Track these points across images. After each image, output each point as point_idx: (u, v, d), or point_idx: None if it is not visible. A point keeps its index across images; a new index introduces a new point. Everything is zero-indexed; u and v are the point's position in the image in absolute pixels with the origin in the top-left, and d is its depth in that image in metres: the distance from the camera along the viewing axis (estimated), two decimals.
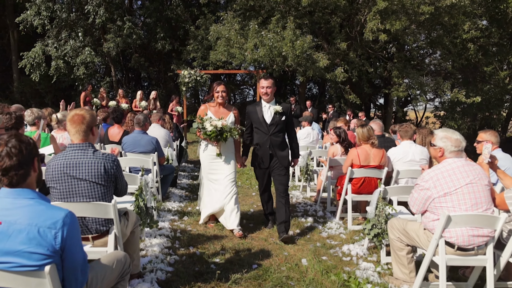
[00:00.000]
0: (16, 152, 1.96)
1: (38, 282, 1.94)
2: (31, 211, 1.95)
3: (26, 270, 1.91)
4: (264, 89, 5.06)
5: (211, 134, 4.84)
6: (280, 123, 5.09)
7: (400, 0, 14.13)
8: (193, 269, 4.09)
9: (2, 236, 1.89)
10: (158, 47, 19.69)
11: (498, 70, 19.11)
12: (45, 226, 1.92)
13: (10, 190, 1.99)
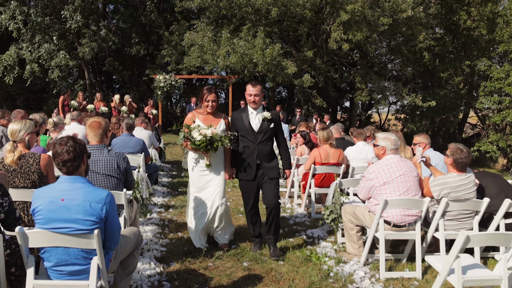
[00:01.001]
0: (72, 149, 2.75)
1: (88, 242, 2.74)
2: (84, 191, 2.75)
3: (80, 233, 2.71)
4: (252, 97, 4.67)
5: (200, 144, 4.42)
6: (269, 130, 4.73)
7: (362, 13, 15.31)
8: (183, 249, 4.93)
9: (64, 209, 2.69)
10: (132, 52, 20.22)
11: (453, 76, 20.65)
12: (94, 201, 2.73)
13: (67, 177, 2.78)
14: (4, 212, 2.90)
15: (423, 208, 4.37)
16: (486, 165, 20.68)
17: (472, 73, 21.02)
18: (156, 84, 16.15)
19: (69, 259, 2.80)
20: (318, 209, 6.84)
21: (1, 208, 2.88)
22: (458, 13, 18.57)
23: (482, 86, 18.47)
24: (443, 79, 20.86)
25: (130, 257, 3.38)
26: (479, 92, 19.04)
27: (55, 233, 2.71)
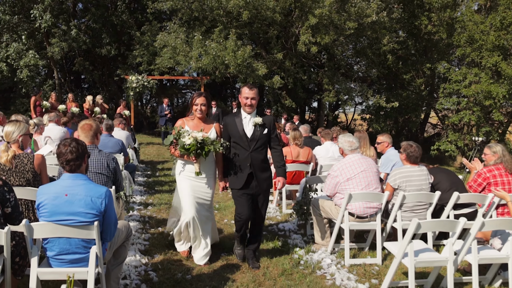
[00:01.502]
0: (75, 150, 3.08)
1: (88, 232, 3.07)
2: (86, 187, 3.07)
3: (82, 224, 3.04)
4: (248, 100, 4.42)
5: (190, 147, 4.12)
6: (262, 137, 4.48)
7: (329, 17, 15.94)
8: (164, 242, 5.28)
9: (68, 203, 3.02)
10: (103, 52, 20.16)
11: (415, 78, 21.64)
12: (95, 196, 3.06)
13: (70, 174, 3.10)
14: (11, 207, 3.19)
15: (383, 201, 4.90)
16: (446, 163, 21.80)
17: (432, 75, 22.08)
18: (128, 85, 16.26)
19: (70, 248, 3.13)
20: (289, 204, 7.30)
21: (9, 203, 3.17)
22: (420, 18, 19.49)
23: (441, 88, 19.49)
24: (405, 81, 21.78)
25: (121, 247, 3.72)
26: (439, 93, 20.09)
27: (59, 224, 3.03)
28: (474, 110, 17.40)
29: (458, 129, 20.15)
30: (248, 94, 4.44)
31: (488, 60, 16.29)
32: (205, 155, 4.23)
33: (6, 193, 3.15)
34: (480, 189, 5.06)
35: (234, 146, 4.52)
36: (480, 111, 17.30)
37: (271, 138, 4.61)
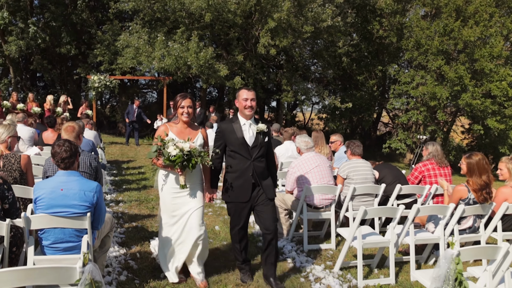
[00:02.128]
0: (69, 149, 3.47)
1: (81, 222, 3.47)
2: (79, 182, 3.47)
3: (76, 215, 3.43)
4: (249, 102, 4.08)
5: (176, 159, 3.77)
6: (264, 145, 4.16)
7: (287, 21, 16.63)
8: (139, 235, 5.69)
9: (63, 197, 3.40)
10: (63, 51, 19.87)
11: (368, 79, 22.79)
12: (88, 190, 3.46)
13: (64, 171, 3.49)
14: (9, 203, 3.54)
15: (336, 193, 5.54)
16: (396, 160, 23.15)
17: (384, 77, 23.33)
18: (90, 85, 16.26)
19: (64, 237, 3.52)
20: None
21: (7, 200, 3.52)
22: (372, 22, 20.59)
23: (392, 89, 20.72)
24: (359, 82, 22.92)
25: (106, 237, 4.13)
26: (390, 94, 21.32)
27: (55, 216, 3.42)
28: (421, 110, 18.67)
29: (407, 128, 21.47)
30: (248, 95, 4.09)
31: (433, 64, 17.54)
32: (192, 167, 3.85)
33: (6, 190, 3.50)
34: (417, 181, 5.83)
35: (233, 155, 4.12)
36: (426, 111, 18.58)
37: (269, 147, 4.30)
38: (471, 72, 16.97)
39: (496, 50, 15.99)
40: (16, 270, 2.40)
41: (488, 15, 16.47)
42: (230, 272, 4.55)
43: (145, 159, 13.04)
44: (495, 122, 16.62)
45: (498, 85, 16.10)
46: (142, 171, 10.98)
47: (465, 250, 3.06)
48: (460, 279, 2.96)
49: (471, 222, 4.59)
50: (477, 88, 16.53)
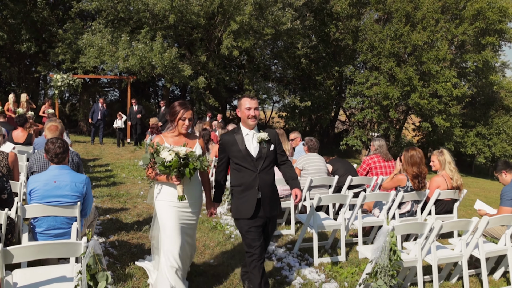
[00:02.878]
0: (61, 146, 3.88)
1: (71, 211, 3.90)
2: (70, 175, 3.89)
3: (67, 204, 3.86)
4: (252, 111, 3.80)
5: (172, 165, 3.45)
6: (270, 155, 3.85)
7: (249, 23, 17.22)
8: (115, 226, 6.11)
9: (56, 188, 3.82)
10: (22, 49, 19.50)
11: (326, 80, 23.80)
12: (78, 182, 3.90)
13: (57, 166, 3.90)
14: (7, 194, 3.92)
15: None
16: (353, 156, 24.30)
17: (341, 77, 24.44)
18: (53, 84, 16.19)
19: (56, 225, 3.94)
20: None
21: (6, 191, 3.90)
22: (329, 26, 21.57)
23: (348, 88, 21.79)
24: (318, 82, 23.92)
25: (90, 226, 4.57)
26: (346, 94, 22.40)
27: (48, 205, 3.84)
28: (375, 109, 19.81)
29: (363, 126, 22.62)
30: (251, 104, 3.81)
31: (385, 65, 18.69)
32: (190, 174, 3.53)
33: (5, 182, 3.88)
34: (365, 173, 6.59)
35: (238, 168, 3.81)
36: (379, 109, 19.74)
37: (278, 155, 3.97)
38: (420, 73, 18.22)
39: (442, 53, 17.25)
40: (32, 246, 2.85)
41: (434, 21, 17.72)
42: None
43: (111, 157, 13.29)
44: (442, 120, 17.92)
45: (443, 86, 17.38)
46: (109, 169, 11.25)
47: (398, 226, 3.75)
48: (394, 249, 3.65)
49: (409, 207, 5.35)
50: (424, 89, 17.76)
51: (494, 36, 18.07)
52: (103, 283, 2.86)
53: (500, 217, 4.19)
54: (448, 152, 5.71)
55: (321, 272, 4.74)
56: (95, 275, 2.86)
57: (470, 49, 18.98)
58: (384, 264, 3.62)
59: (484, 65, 18.59)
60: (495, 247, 4.41)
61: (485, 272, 4.22)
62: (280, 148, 4.01)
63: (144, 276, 4.40)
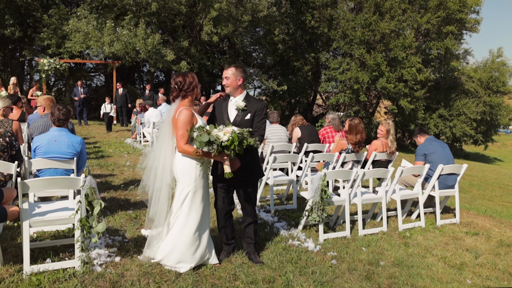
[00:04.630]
0: (65, 113, 4.71)
1: (69, 164, 4.75)
2: (68, 136, 4.74)
3: (65, 159, 4.72)
4: (223, 80, 4.00)
5: (229, 145, 3.45)
6: (244, 123, 3.90)
7: (229, 10, 17.95)
8: (104, 187, 6.96)
9: (57, 145, 4.65)
10: (6, 33, 19.77)
11: (304, 65, 24.68)
12: (74, 142, 4.75)
13: (57, 128, 4.74)
14: (16, 151, 4.75)
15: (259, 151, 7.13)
16: None
17: (317, 63, 25.36)
18: (40, 68, 16.74)
19: (56, 175, 4.80)
20: None
21: (14, 148, 4.72)
22: (305, 14, 22.40)
23: (323, 74, 22.75)
24: (296, 68, 24.79)
25: None
26: (321, 79, 23.37)
27: (51, 160, 4.70)
28: (347, 93, 20.84)
29: (337, 109, 23.66)
30: (224, 74, 4.00)
31: (356, 52, 19.66)
32: (242, 151, 3.55)
33: (14, 141, 4.71)
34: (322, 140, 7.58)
35: None
36: (351, 93, 20.77)
37: (255, 126, 3.95)
38: (388, 60, 19.26)
39: (408, 41, 18.28)
40: (43, 179, 3.73)
41: (401, 10, 18.71)
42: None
43: (99, 136, 14.06)
44: (407, 102, 19.04)
45: (409, 71, 18.46)
46: (97, 146, 12.04)
47: (329, 172, 4.71)
48: (324, 190, 4.61)
49: (350, 166, 6.33)
50: (391, 74, 18.81)
51: (454, 25, 19.16)
52: (98, 208, 3.75)
53: (411, 167, 5.21)
54: (393, 124, 6.69)
55: (275, 216, 5.70)
56: (91, 202, 3.75)
57: (434, 37, 20.06)
58: (317, 200, 4.59)
59: (446, 52, 19.71)
60: (409, 192, 5.44)
61: (400, 211, 5.25)
62: (259, 120, 3.97)
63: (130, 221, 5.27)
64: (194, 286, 3.60)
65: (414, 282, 3.89)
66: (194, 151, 3.65)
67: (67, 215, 3.82)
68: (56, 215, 3.84)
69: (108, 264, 3.91)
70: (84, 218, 3.72)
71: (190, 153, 3.67)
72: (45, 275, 3.61)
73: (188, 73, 3.84)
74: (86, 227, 3.74)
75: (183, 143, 3.67)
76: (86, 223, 3.73)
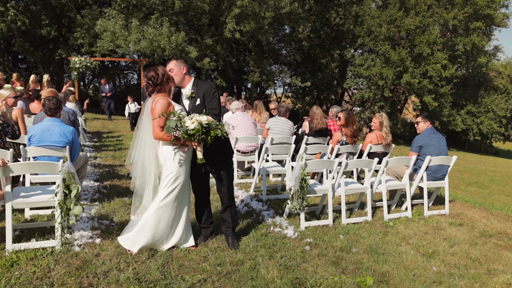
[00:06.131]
0: (55, 103, 4.91)
1: (61, 152, 4.93)
2: (60, 126, 4.91)
3: (58, 147, 4.89)
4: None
5: (194, 133, 3.57)
6: (197, 108, 3.94)
7: (252, 8, 17.98)
8: (110, 176, 7.16)
9: (49, 135, 4.83)
10: (43, 33, 20.57)
11: (330, 62, 24.37)
12: (66, 131, 4.92)
13: (50, 118, 4.93)
14: (11, 134, 4.97)
15: (258, 142, 7.11)
16: None
17: (343, 60, 24.97)
18: (72, 66, 17.35)
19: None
20: None
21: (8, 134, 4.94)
22: (330, 11, 22.10)
23: (348, 70, 22.38)
24: (322, 65, 24.54)
25: (82, 168, 5.62)
26: (346, 75, 23.00)
27: (44, 148, 4.89)
28: (372, 88, 20.41)
29: (362, 104, 23.24)
30: (167, 68, 3.99)
31: (381, 48, 19.21)
32: (211, 140, 3.66)
33: (6, 127, 4.94)
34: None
35: None
36: (376, 89, 20.33)
37: (208, 107, 3.96)
38: (413, 56, 18.70)
39: (432, 37, 17.69)
40: (22, 163, 3.90)
41: (426, 6, 18.12)
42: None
43: (124, 131, 14.44)
44: (431, 99, 18.43)
45: (434, 67, 17.85)
46: (120, 139, 12.38)
47: (309, 162, 4.64)
48: (305, 179, 4.55)
49: (345, 157, 6.21)
50: (416, 69, 18.26)
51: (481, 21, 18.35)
52: (75, 191, 3.88)
53: (397, 158, 5.05)
54: (387, 117, 6.51)
55: (265, 204, 5.68)
56: (69, 186, 3.88)
57: (462, 33, 19.29)
58: (296, 189, 4.54)
59: (472, 48, 18.92)
60: (395, 183, 5.28)
61: (385, 202, 5.10)
62: (209, 101, 3.97)
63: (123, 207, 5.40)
64: (162, 266, 3.66)
65: (378, 267, 3.80)
66: (164, 135, 3.72)
67: (47, 198, 3.97)
68: (38, 198, 4.00)
69: (87, 245, 4.03)
70: (62, 201, 3.85)
71: (164, 139, 3.74)
72: (25, 253, 3.76)
73: (158, 67, 3.86)
74: (64, 210, 3.88)
75: (159, 130, 3.73)
76: (64, 205, 3.87)
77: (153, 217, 3.87)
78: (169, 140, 3.71)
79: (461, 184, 11.86)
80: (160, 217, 3.87)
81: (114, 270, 3.56)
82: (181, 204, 3.95)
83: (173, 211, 3.90)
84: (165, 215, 3.88)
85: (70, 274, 3.44)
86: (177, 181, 3.86)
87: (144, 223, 3.88)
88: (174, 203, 3.88)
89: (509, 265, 4.10)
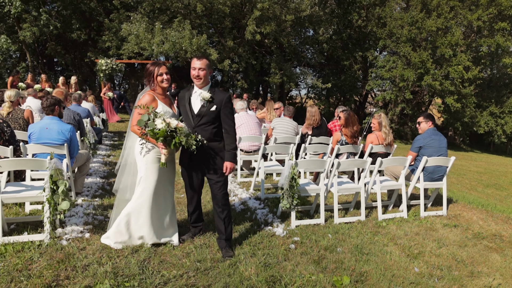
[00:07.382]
0: (51, 101, 4.99)
1: (60, 150, 5.00)
2: (58, 124, 4.98)
3: (56, 145, 4.96)
4: (196, 71, 3.81)
5: (158, 133, 3.52)
6: (209, 114, 3.83)
7: (273, 10, 17.89)
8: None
9: (48, 132, 4.91)
10: (74, 37, 21.17)
11: (353, 64, 23.94)
12: (64, 129, 4.98)
13: (48, 116, 5.01)
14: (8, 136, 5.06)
15: (261, 141, 7.01)
16: None
17: (365, 62, 24.49)
18: (98, 67, 17.75)
19: None
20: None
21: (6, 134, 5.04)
22: (352, 13, 21.70)
23: (370, 72, 21.91)
24: (345, 67, 24.13)
25: (84, 165, 5.69)
26: (368, 77, 22.51)
27: (44, 145, 4.97)
28: (393, 90, 19.90)
29: (385, 106, 22.70)
30: (196, 65, 3.82)
31: (402, 50, 18.70)
32: (174, 146, 3.60)
33: (5, 127, 5.04)
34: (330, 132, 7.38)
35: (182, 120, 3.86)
36: (397, 91, 19.81)
37: (223, 119, 3.87)
38: (435, 58, 18.11)
39: (455, 39, 17.09)
40: (11, 160, 3.95)
41: (449, 8, 17.52)
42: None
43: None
44: (453, 101, 17.80)
45: (455, 69, 17.23)
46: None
47: (301, 161, 4.51)
48: (294, 178, 4.43)
49: (345, 157, 6.03)
50: (437, 71, 17.69)
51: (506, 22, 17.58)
52: (62, 187, 3.90)
53: (392, 159, 4.84)
54: (386, 117, 6.29)
55: (262, 203, 5.57)
56: (56, 182, 3.91)
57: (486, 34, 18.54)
58: (286, 188, 4.43)
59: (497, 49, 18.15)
60: (390, 183, 5.06)
61: (380, 202, 4.90)
62: (226, 113, 3.86)
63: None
64: (142, 261, 3.63)
65: (359, 267, 3.66)
66: (135, 127, 3.78)
67: (36, 194, 4.01)
68: (27, 193, 4.05)
69: (75, 239, 4.05)
70: (49, 196, 3.88)
71: (135, 131, 3.82)
72: (14, 245, 3.81)
73: (147, 65, 3.94)
74: (52, 205, 3.91)
75: (135, 123, 3.77)
76: (51, 200, 3.90)
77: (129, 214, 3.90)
78: (139, 134, 3.75)
79: (479, 186, 11.38)
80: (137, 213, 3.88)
81: (95, 264, 3.55)
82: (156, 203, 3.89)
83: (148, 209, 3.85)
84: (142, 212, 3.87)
85: (50, 266, 3.46)
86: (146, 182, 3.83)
87: (120, 221, 3.91)
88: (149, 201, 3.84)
89: (495, 268, 3.88)
